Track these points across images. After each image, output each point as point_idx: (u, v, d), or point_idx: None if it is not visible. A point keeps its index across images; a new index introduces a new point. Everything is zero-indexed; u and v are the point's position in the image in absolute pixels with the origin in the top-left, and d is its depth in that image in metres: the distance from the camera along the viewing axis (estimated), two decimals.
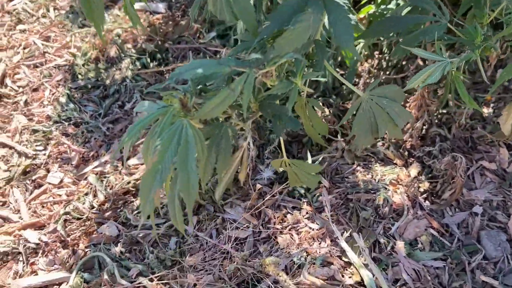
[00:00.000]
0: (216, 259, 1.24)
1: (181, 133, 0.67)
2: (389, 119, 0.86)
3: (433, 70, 0.89)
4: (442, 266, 1.20)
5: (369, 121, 0.86)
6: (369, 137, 0.87)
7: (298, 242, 1.27)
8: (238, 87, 0.69)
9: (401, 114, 0.86)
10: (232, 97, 0.69)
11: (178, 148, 0.66)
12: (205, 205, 1.40)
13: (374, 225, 1.30)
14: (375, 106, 0.86)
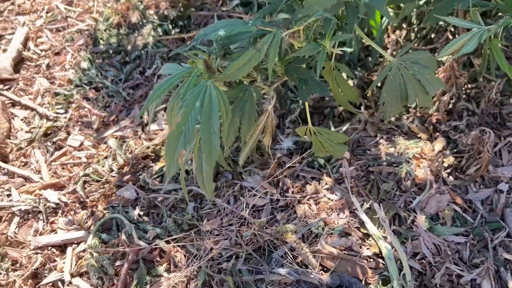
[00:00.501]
0: (233, 225, 1.24)
1: (205, 94, 0.66)
2: (419, 87, 0.82)
3: (469, 38, 0.84)
4: (464, 241, 1.18)
5: (398, 87, 0.83)
6: (398, 105, 0.84)
7: (316, 212, 1.26)
8: (264, 47, 0.67)
9: (433, 82, 0.83)
10: (258, 58, 0.67)
11: (202, 109, 0.64)
12: (223, 173, 1.39)
13: (395, 198, 1.27)
14: (405, 72, 0.82)
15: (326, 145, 0.91)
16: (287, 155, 1.41)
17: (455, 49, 0.87)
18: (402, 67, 0.82)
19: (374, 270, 1.14)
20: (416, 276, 1.14)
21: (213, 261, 1.18)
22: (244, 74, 0.69)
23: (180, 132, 0.64)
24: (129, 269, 1.20)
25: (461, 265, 1.14)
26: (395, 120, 1.46)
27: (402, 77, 0.82)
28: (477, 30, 0.84)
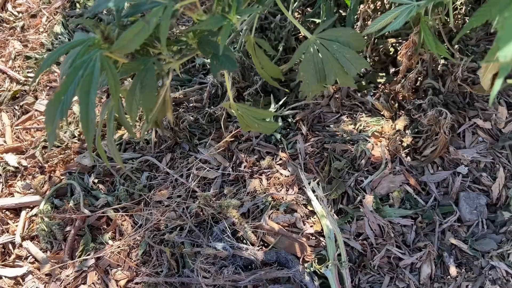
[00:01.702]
0: (181, 196, 1.24)
1: (88, 65, 0.64)
2: (338, 66, 0.78)
3: (397, 14, 0.79)
4: (410, 224, 1.16)
5: (316, 67, 0.79)
6: (316, 85, 0.80)
7: (266, 187, 1.25)
8: (153, 20, 0.64)
9: (354, 61, 0.78)
10: (147, 31, 0.64)
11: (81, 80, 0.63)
12: (181, 144, 1.38)
13: (347, 176, 1.25)
14: (323, 50, 0.78)
15: (249, 122, 0.88)
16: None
17: (382, 24, 0.82)
18: (320, 45, 0.78)
19: (314, 248, 1.14)
20: (356, 256, 1.12)
21: (158, 232, 1.19)
22: (136, 46, 0.66)
23: (58, 102, 0.63)
24: (76, 235, 1.22)
25: (404, 248, 1.12)
26: (361, 96, 1.42)
27: (319, 56, 0.78)
28: (407, 6, 0.79)
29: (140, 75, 0.73)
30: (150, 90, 0.73)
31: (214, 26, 0.71)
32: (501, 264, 1.08)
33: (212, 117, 1.39)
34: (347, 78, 0.79)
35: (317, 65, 0.79)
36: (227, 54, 0.76)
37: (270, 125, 0.93)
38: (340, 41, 0.79)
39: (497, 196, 1.19)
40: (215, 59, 0.76)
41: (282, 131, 1.37)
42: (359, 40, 0.80)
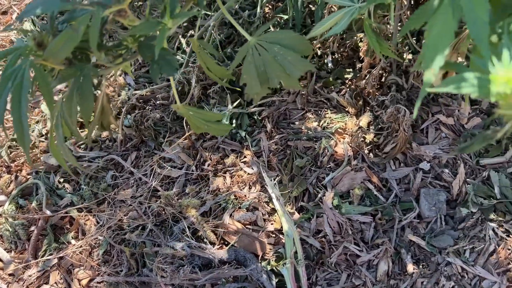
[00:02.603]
0: (144, 196, 1.25)
1: (18, 75, 0.64)
2: (281, 69, 0.78)
3: (340, 17, 0.79)
4: (369, 221, 1.17)
5: (258, 69, 0.79)
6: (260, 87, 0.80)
7: (229, 185, 1.25)
8: (81, 28, 0.64)
9: (296, 64, 0.78)
10: (76, 38, 0.64)
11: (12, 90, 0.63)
12: (147, 142, 1.38)
13: (309, 173, 1.26)
14: (264, 53, 0.78)
15: (198, 124, 0.89)
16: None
17: (326, 28, 0.82)
18: (260, 48, 0.78)
19: (273, 246, 1.15)
20: (315, 253, 1.14)
21: (120, 231, 1.20)
22: (66, 53, 0.66)
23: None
24: (39, 235, 1.23)
25: (361, 245, 1.13)
26: (327, 93, 1.42)
27: (261, 58, 0.78)
28: (349, 9, 0.79)
29: (77, 82, 0.73)
30: (87, 97, 0.73)
31: (148, 31, 0.71)
32: (457, 261, 1.09)
33: (177, 115, 1.39)
34: (291, 81, 0.79)
35: (259, 68, 0.79)
36: (167, 58, 0.76)
37: (222, 127, 0.93)
38: (282, 43, 0.79)
39: (457, 192, 1.20)
40: (154, 63, 0.76)
41: (247, 129, 1.37)
42: (303, 43, 0.80)
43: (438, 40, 0.58)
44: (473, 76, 0.54)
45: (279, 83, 0.83)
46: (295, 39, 0.79)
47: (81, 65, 0.74)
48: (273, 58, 0.78)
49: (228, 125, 0.94)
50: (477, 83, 0.53)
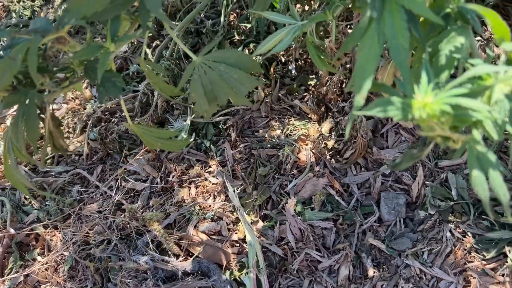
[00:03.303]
0: (109, 210, 1.25)
1: None
2: (228, 87, 0.80)
3: (283, 35, 0.81)
4: (330, 226, 1.19)
5: (205, 88, 0.80)
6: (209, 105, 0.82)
7: (194, 196, 1.27)
8: (18, 56, 0.65)
9: (243, 82, 0.80)
10: (14, 67, 0.65)
11: None
12: (113, 155, 1.39)
13: (272, 181, 1.28)
14: (210, 72, 0.80)
15: (151, 141, 0.90)
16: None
17: (270, 46, 0.84)
18: (206, 67, 0.80)
19: (237, 255, 1.17)
20: (278, 261, 1.16)
21: (86, 246, 1.21)
22: (7, 82, 0.67)
23: None
24: (5, 253, 1.23)
25: (323, 251, 1.16)
26: (291, 100, 1.44)
27: (207, 77, 0.80)
28: (292, 26, 0.81)
29: (22, 107, 0.73)
30: (32, 122, 0.74)
31: (90, 56, 0.72)
32: (415, 263, 1.12)
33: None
34: (239, 98, 0.81)
35: (206, 86, 0.80)
36: (112, 80, 0.77)
37: (177, 143, 0.95)
38: (227, 62, 0.80)
39: (416, 195, 1.23)
40: (100, 85, 0.77)
41: (212, 138, 1.38)
42: (249, 61, 0.82)
43: (365, 64, 0.60)
44: (397, 100, 0.56)
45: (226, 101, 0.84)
46: (241, 57, 0.81)
47: (26, 90, 0.75)
48: (219, 76, 0.80)
49: (184, 141, 0.96)
50: (400, 107, 0.55)
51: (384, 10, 0.58)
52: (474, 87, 0.53)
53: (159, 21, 1.71)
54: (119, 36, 0.74)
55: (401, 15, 0.57)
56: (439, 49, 0.65)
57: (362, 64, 0.61)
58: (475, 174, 0.57)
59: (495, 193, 0.59)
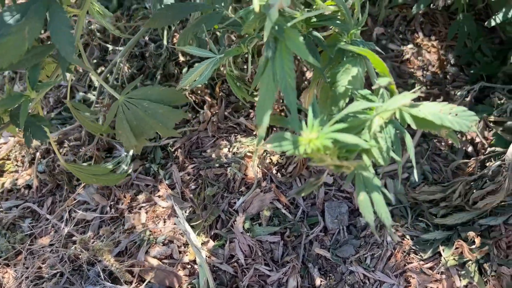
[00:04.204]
0: (61, 242, 1.26)
1: None
2: (154, 121, 0.83)
3: (203, 68, 0.85)
4: (277, 240, 1.23)
5: (131, 124, 0.84)
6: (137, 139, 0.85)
7: (144, 221, 1.29)
8: None
9: (168, 115, 0.84)
10: None
11: None
12: (62, 185, 1.40)
13: (221, 200, 1.31)
14: (134, 109, 0.83)
15: (88, 179, 0.92)
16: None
17: (191, 80, 0.87)
18: (129, 104, 0.83)
19: (189, 277, 1.19)
20: (229, 279, 1.19)
21: (39, 280, 1.21)
22: None
23: None
24: None
25: (272, 265, 1.20)
26: (237, 117, 1.48)
27: (132, 114, 0.83)
28: (211, 60, 0.85)
29: None
30: None
31: (11, 105, 0.74)
32: (358, 268, 1.18)
33: (90, 155, 1.42)
34: (167, 131, 0.84)
35: (131, 122, 0.84)
36: (37, 125, 0.80)
37: (114, 177, 0.97)
38: (152, 98, 0.84)
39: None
40: (26, 130, 0.80)
41: (161, 161, 1.41)
42: (173, 95, 0.85)
43: (264, 100, 0.65)
44: (290, 136, 0.61)
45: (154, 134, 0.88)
46: (164, 92, 0.84)
47: None
48: (144, 112, 0.83)
49: (121, 175, 0.98)
50: (292, 142, 0.60)
51: (277, 51, 0.63)
52: (354, 121, 0.57)
53: (102, 46, 1.72)
54: (42, 81, 0.76)
55: (289, 57, 0.61)
56: (337, 79, 0.70)
57: (262, 100, 0.65)
58: (361, 198, 0.62)
59: (378, 214, 0.64)
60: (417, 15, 1.70)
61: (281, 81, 0.62)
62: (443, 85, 1.54)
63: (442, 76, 1.58)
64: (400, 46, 1.64)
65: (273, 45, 0.64)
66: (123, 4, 1.85)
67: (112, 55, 1.71)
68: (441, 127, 0.63)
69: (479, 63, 1.52)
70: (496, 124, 1.26)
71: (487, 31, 1.58)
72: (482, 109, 1.34)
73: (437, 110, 0.62)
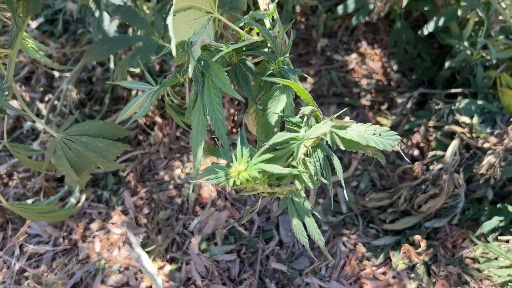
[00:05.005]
0: (13, 278, 1.23)
1: None
2: (94, 156, 0.83)
3: (142, 100, 0.85)
4: (234, 258, 1.24)
5: (71, 160, 0.83)
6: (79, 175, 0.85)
7: (98, 250, 1.27)
8: None
9: (109, 149, 0.84)
10: None
11: None
12: (13, 219, 1.36)
13: (175, 223, 1.31)
14: (73, 145, 0.82)
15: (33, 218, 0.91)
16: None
17: (130, 113, 0.87)
18: (68, 141, 0.82)
19: None
20: None
21: None
22: None
23: None
24: None
25: (229, 283, 1.21)
26: (188, 137, 1.49)
27: (71, 151, 0.83)
28: (149, 91, 0.85)
29: None
30: None
31: None
32: (314, 279, 1.20)
33: (40, 186, 1.39)
34: (108, 164, 0.84)
35: (71, 159, 0.83)
36: None
37: (61, 213, 0.96)
38: (90, 134, 0.83)
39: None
40: None
41: (113, 187, 1.40)
42: (112, 128, 0.85)
43: (197, 133, 0.66)
44: (222, 167, 0.63)
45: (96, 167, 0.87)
46: (103, 127, 0.84)
47: None
48: (83, 148, 0.83)
49: (68, 210, 0.97)
50: (224, 174, 0.62)
51: (205, 86, 0.64)
52: (279, 152, 0.60)
53: (49, 73, 1.69)
54: None
55: (216, 91, 0.63)
56: (268, 106, 0.72)
57: (195, 134, 0.67)
58: (294, 223, 0.64)
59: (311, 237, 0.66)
60: (359, 24, 1.75)
61: (211, 115, 0.63)
62: (387, 91, 1.60)
63: (386, 83, 1.64)
64: (344, 56, 1.69)
65: (201, 80, 0.65)
66: (69, 29, 1.83)
67: (59, 82, 1.68)
68: (367, 147, 0.66)
69: (420, 69, 1.58)
70: (435, 129, 1.32)
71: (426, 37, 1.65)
72: (423, 115, 1.39)
73: (362, 131, 0.65)
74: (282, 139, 0.60)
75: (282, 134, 0.59)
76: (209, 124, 0.67)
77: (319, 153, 0.65)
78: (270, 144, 0.59)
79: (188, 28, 0.60)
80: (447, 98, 1.42)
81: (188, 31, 0.60)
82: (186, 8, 0.59)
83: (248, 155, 0.61)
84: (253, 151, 0.62)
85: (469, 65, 1.40)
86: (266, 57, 0.71)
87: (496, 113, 1.28)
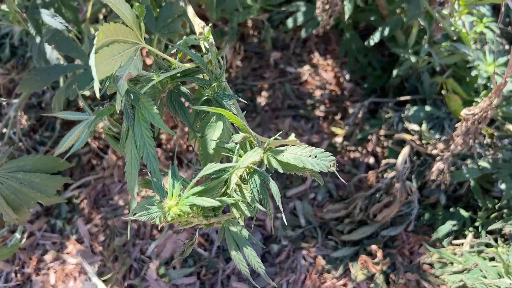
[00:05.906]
0: None
1: None
2: (33, 191, 0.80)
3: (80, 131, 0.83)
4: (193, 281, 1.22)
5: (8, 198, 0.80)
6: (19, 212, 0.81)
7: (53, 282, 1.23)
8: None
9: (47, 183, 0.81)
10: None
11: None
12: None
13: (132, 248, 1.28)
14: (9, 182, 0.79)
15: None
16: (29, 221, 1.35)
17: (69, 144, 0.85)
18: (3, 179, 0.79)
19: None
20: None
21: None
22: None
23: None
24: None
25: None
26: None
27: (6, 188, 0.79)
28: (86, 122, 0.83)
29: None
30: None
31: None
32: None
33: None
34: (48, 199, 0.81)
35: (8, 197, 0.80)
36: None
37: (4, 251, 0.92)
38: (26, 169, 0.80)
39: (270, 228, 1.31)
40: None
41: (67, 215, 1.36)
42: (50, 161, 0.83)
43: (131, 169, 0.65)
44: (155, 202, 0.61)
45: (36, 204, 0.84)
46: (40, 161, 0.82)
47: None
48: (20, 184, 0.80)
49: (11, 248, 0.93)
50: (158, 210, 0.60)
51: (135, 119, 0.63)
52: (212, 183, 0.59)
53: None
54: None
55: (146, 125, 0.62)
56: (206, 133, 0.71)
57: (128, 169, 0.65)
58: (233, 254, 0.64)
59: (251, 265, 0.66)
60: (311, 36, 1.77)
61: (142, 149, 0.62)
62: (341, 101, 1.62)
63: (340, 93, 1.66)
64: (297, 68, 1.71)
65: (131, 113, 0.64)
66: (16, 53, 1.78)
67: (7, 109, 1.63)
68: (304, 169, 0.66)
69: (371, 77, 1.60)
70: (386, 137, 1.34)
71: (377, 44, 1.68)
72: (374, 123, 1.42)
73: (299, 153, 0.65)
74: (212, 170, 0.59)
75: (211, 165, 0.58)
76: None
77: (256, 179, 0.64)
78: (200, 176, 0.58)
79: (113, 63, 0.58)
80: (396, 106, 1.45)
81: (114, 65, 0.59)
82: (109, 43, 0.57)
83: (180, 189, 0.59)
84: (186, 182, 0.61)
85: (416, 72, 1.43)
86: (200, 83, 0.70)
87: (444, 118, 1.31)
